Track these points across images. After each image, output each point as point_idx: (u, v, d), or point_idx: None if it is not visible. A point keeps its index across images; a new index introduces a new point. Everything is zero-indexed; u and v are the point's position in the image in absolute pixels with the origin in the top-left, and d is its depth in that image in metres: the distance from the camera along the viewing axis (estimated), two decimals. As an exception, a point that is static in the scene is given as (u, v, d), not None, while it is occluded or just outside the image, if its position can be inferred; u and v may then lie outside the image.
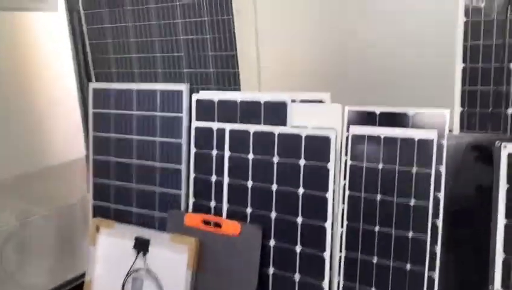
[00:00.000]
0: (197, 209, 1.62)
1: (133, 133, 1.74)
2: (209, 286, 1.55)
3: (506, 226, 1.13)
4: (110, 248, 1.79)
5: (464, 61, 1.16)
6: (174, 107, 1.63)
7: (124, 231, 1.76)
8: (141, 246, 1.70)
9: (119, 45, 1.74)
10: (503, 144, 1.12)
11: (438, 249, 1.21)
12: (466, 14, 1.15)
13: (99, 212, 1.85)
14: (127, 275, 1.71)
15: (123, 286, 1.71)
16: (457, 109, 1.20)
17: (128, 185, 1.77)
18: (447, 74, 1.17)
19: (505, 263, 1.14)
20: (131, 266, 1.70)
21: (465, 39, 1.15)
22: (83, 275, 1.93)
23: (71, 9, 1.78)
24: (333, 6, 1.39)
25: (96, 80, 1.87)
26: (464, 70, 1.17)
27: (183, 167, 1.64)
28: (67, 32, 1.76)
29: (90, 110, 1.84)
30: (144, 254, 1.70)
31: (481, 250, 1.16)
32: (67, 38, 1.78)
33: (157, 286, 1.65)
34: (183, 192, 1.65)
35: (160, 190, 1.70)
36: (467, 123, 1.20)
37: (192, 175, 1.63)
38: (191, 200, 1.64)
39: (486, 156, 1.14)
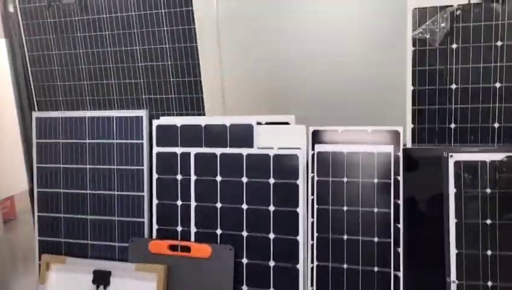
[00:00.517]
0: (162, 236, 1.61)
1: (86, 163, 1.68)
2: (181, 312, 1.54)
3: (457, 224, 1.32)
4: (63, 286, 1.69)
5: (413, 84, 1.36)
6: (133, 134, 1.62)
7: (79, 265, 1.67)
8: (101, 279, 1.63)
9: (68, 72, 1.69)
10: (450, 153, 1.31)
11: (401, 250, 1.36)
12: (414, 44, 1.35)
13: (47, 248, 1.74)
14: (86, 312, 1.62)
15: (82, 324, 1.62)
16: (409, 126, 1.38)
17: (83, 217, 1.70)
18: (402, 95, 1.35)
19: (458, 257, 1.32)
20: (92, 302, 1.62)
21: (414, 65, 1.34)
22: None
23: (10, 36, 1.68)
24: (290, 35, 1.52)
25: (40, 109, 1.77)
26: (414, 92, 1.36)
27: (145, 194, 1.63)
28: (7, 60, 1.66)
29: (34, 141, 1.74)
30: (105, 288, 1.63)
31: (438, 248, 1.33)
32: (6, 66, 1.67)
33: (122, 320, 1.59)
34: (146, 219, 1.63)
35: (120, 219, 1.66)
36: (417, 138, 1.38)
37: (155, 201, 1.62)
38: (155, 227, 1.63)
39: (436, 165, 1.33)
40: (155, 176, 1.62)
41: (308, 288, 1.45)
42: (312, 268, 1.45)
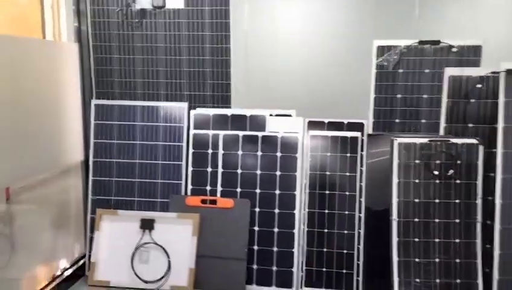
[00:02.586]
0: (195, 193, 2.22)
1: (136, 139, 2.26)
2: (211, 247, 2.16)
3: (398, 182, 2.08)
4: (115, 232, 2.23)
5: (375, 93, 2.12)
6: (176, 120, 2.23)
7: (128, 216, 2.23)
8: (147, 225, 2.20)
9: (125, 71, 2.27)
10: (395, 138, 2.08)
11: (363, 198, 2.09)
12: (376, 68, 2.12)
13: (100, 205, 2.27)
14: (135, 248, 2.18)
15: (132, 258, 2.18)
16: (371, 120, 2.15)
17: (131, 181, 2.27)
18: (367, 99, 2.11)
19: (398, 185, 2.07)
20: (140, 241, 2.19)
21: (377, 80, 2.11)
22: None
23: (81, 41, 2.23)
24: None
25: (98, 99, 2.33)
26: (375, 98, 2.13)
27: (183, 163, 2.24)
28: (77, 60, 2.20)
29: (92, 122, 2.28)
30: (150, 231, 2.20)
31: (386, 193, 2.08)
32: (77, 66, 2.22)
33: (164, 254, 2.17)
34: (183, 181, 2.24)
35: (162, 181, 2.25)
36: (376, 128, 2.15)
37: (190, 169, 2.24)
38: (189, 187, 2.24)
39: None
40: (191, 150, 2.24)
41: (301, 226, 2.15)
42: (304, 214, 2.15)
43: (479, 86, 2.09)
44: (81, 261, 2.32)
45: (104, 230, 2.24)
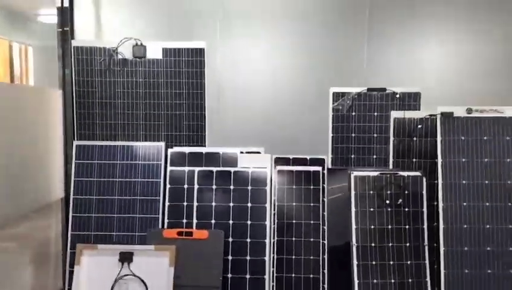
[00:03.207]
0: (171, 226, 2.39)
1: (116, 177, 2.43)
2: (187, 277, 2.31)
3: (356, 211, 2.35)
4: (94, 266, 2.34)
5: (333, 132, 2.43)
6: (154, 158, 2.43)
7: (108, 250, 2.35)
8: (126, 258, 2.33)
9: (106, 114, 2.46)
10: (351, 171, 2.37)
11: (325, 220, 2.34)
12: (332, 111, 2.44)
13: (78, 241, 2.38)
14: (115, 281, 2.30)
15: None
16: (330, 156, 2.43)
17: (110, 216, 2.41)
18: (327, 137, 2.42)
19: (355, 214, 2.33)
20: (119, 273, 2.30)
21: (333, 122, 2.42)
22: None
23: (65, 88, 2.43)
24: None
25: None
26: (332, 137, 2.44)
27: (160, 198, 2.42)
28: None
29: (74, 162, 2.44)
30: (129, 264, 2.33)
31: (346, 222, 2.33)
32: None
33: (142, 285, 2.29)
34: (160, 216, 2.41)
35: (140, 216, 2.41)
36: (334, 162, 2.43)
37: (167, 203, 2.42)
38: (166, 221, 2.40)
39: (344, 177, 2.37)
40: (168, 186, 2.43)
41: (271, 254, 2.35)
42: (274, 242, 2.36)
43: (419, 126, 2.45)
44: (59, 297, 2.39)
45: (84, 264, 2.34)
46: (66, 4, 2.42)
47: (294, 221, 2.37)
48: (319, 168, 2.39)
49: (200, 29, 2.68)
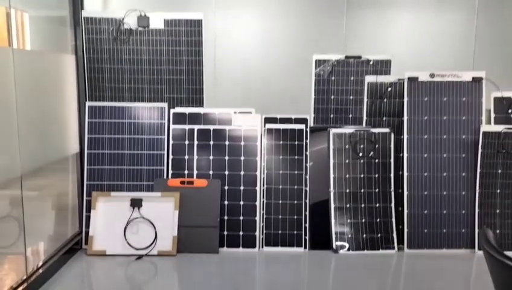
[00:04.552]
0: (175, 176, 2.76)
1: (125, 133, 2.76)
2: (190, 219, 2.70)
3: (333, 163, 2.75)
4: (108, 210, 2.70)
5: (315, 95, 2.79)
6: (158, 117, 2.76)
7: (120, 197, 2.72)
8: (136, 203, 2.70)
9: (114, 78, 2.77)
10: (330, 129, 2.75)
11: (308, 175, 2.73)
12: (315, 75, 2.78)
13: (94, 190, 2.73)
14: (127, 223, 2.67)
15: (124, 230, 2.66)
16: (312, 115, 2.80)
17: (121, 168, 2.76)
18: (308, 100, 2.78)
19: (333, 166, 2.74)
20: (130, 216, 2.68)
21: (316, 85, 2.78)
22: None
23: (77, 53, 2.71)
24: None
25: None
26: (315, 99, 2.80)
27: (164, 152, 2.77)
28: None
29: (86, 120, 2.76)
30: (139, 209, 2.70)
31: (326, 170, 2.73)
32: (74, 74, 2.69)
33: (151, 226, 2.67)
34: (165, 167, 2.76)
35: (147, 168, 2.76)
36: (316, 121, 2.81)
37: (171, 157, 2.77)
38: (170, 172, 2.77)
39: (324, 134, 2.75)
40: (171, 142, 2.78)
41: (262, 199, 2.74)
42: (263, 190, 2.75)
43: (389, 89, 2.82)
44: (78, 238, 2.75)
45: (99, 209, 2.70)
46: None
47: (281, 171, 2.75)
48: (303, 126, 2.76)
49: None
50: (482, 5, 3.14)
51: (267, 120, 2.78)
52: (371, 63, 2.88)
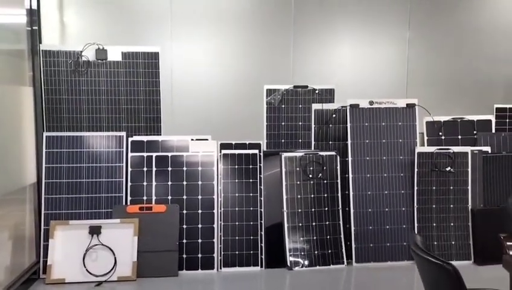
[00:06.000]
0: (134, 203, 2.84)
1: (83, 162, 2.82)
2: (149, 244, 2.77)
3: (285, 185, 2.94)
4: (67, 239, 2.72)
5: (267, 121, 3.00)
6: (117, 146, 2.85)
7: (78, 225, 2.75)
8: (94, 230, 2.75)
9: (72, 109, 2.84)
10: (282, 153, 2.95)
11: (263, 195, 2.90)
12: (266, 104, 3.00)
13: (52, 219, 2.75)
14: (86, 250, 2.71)
15: (83, 258, 2.69)
16: (265, 140, 3.00)
17: (79, 197, 2.80)
18: (261, 126, 2.98)
19: (286, 187, 2.92)
20: (89, 244, 2.72)
21: (267, 113, 2.99)
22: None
23: (35, 85, 2.77)
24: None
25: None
26: (267, 125, 3.00)
27: (123, 179, 2.85)
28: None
29: (44, 150, 2.80)
30: (98, 235, 2.75)
31: (279, 192, 2.92)
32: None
33: (111, 253, 2.72)
34: (123, 194, 2.84)
35: (106, 195, 2.82)
36: (268, 146, 3.00)
37: (129, 184, 2.85)
38: (129, 198, 2.84)
39: (276, 158, 2.94)
40: (130, 169, 2.86)
41: (219, 222, 2.87)
42: (220, 212, 2.88)
43: (334, 115, 3.08)
44: (35, 268, 2.74)
45: (57, 238, 2.72)
46: (34, 6, 2.74)
47: (237, 194, 2.90)
48: (256, 151, 2.94)
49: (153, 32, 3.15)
50: (412, 37, 3.51)
51: (223, 146, 2.94)
52: (317, 92, 3.13)
